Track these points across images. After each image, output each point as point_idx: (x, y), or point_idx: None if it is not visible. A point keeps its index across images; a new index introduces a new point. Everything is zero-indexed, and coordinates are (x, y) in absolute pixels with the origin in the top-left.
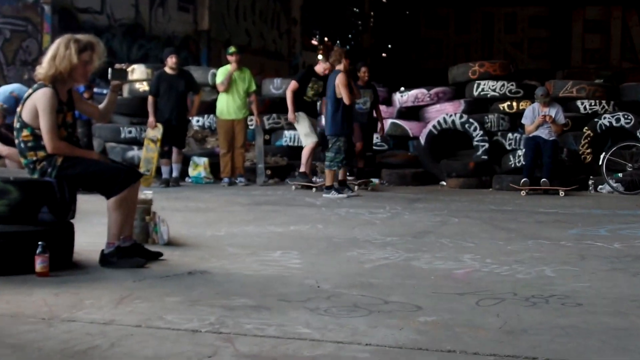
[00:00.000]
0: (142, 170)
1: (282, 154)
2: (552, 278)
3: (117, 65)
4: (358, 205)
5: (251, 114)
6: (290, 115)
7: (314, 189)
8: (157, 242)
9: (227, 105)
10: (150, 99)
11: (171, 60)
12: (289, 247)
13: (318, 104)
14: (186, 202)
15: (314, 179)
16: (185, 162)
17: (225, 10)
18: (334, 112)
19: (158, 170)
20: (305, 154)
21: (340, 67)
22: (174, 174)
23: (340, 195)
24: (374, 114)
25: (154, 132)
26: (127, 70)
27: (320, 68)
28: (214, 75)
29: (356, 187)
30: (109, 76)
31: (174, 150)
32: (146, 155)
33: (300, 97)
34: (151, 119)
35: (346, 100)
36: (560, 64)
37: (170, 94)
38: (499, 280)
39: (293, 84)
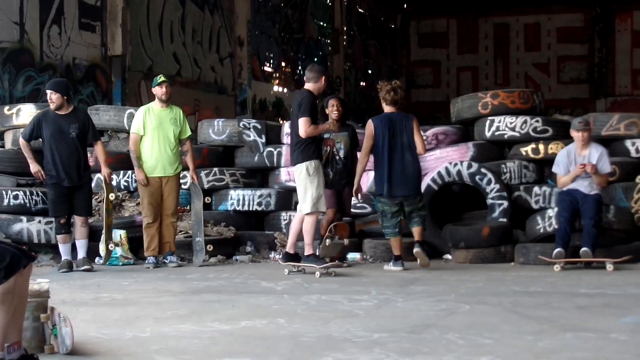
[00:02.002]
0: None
1: (228, 223)
2: None
3: None
4: (333, 290)
5: (185, 168)
6: (324, 125)
7: (317, 274)
8: (57, 351)
9: (152, 158)
10: (22, 142)
11: (48, 99)
12: (239, 352)
13: None
14: (96, 292)
15: (275, 255)
16: (94, 236)
17: (145, 29)
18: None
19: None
20: (310, 229)
21: (312, 86)
22: (80, 254)
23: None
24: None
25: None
26: None
27: (314, 87)
28: (132, 116)
29: (318, 273)
30: None
31: (77, 221)
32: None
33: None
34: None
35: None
36: (602, 91)
37: (60, 142)
38: None
39: (307, 121)
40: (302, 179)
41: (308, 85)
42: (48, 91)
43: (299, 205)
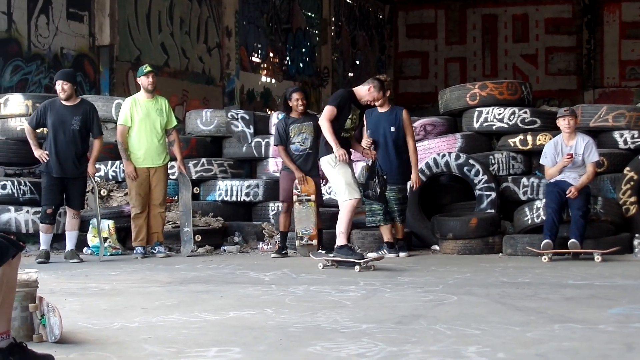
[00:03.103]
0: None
1: (216, 213)
2: None
3: None
4: (321, 280)
5: (172, 159)
6: (339, 150)
7: (357, 268)
8: (46, 339)
9: (139, 149)
10: (27, 128)
11: (58, 88)
12: (228, 341)
13: None
14: (85, 281)
15: (264, 246)
16: (82, 226)
17: (133, 19)
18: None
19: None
20: (344, 216)
21: (360, 88)
22: (69, 246)
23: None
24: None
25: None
26: None
27: (366, 94)
28: (120, 106)
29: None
30: None
31: (69, 212)
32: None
33: (336, 131)
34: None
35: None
36: (590, 83)
37: (60, 133)
38: None
39: (330, 110)
40: (328, 173)
41: (357, 87)
42: (60, 81)
43: (337, 197)
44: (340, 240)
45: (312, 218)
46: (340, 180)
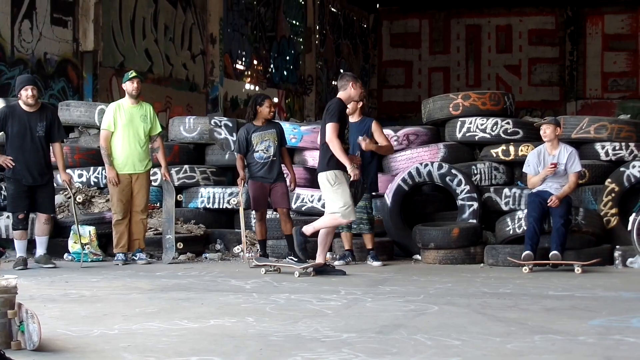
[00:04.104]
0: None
1: (198, 220)
2: None
3: None
4: (303, 289)
5: (155, 165)
6: (354, 170)
7: (296, 274)
8: (24, 347)
9: (122, 154)
10: None
11: (26, 94)
12: (207, 350)
13: None
14: (65, 288)
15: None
16: (63, 232)
17: (118, 25)
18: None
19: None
20: (325, 223)
21: (341, 94)
22: (40, 251)
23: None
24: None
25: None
26: None
27: (353, 94)
28: (103, 112)
29: (297, 273)
30: None
31: (40, 218)
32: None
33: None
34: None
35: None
36: (573, 94)
37: (25, 138)
38: None
39: (335, 127)
40: (326, 189)
41: (339, 94)
42: (28, 87)
43: (325, 209)
44: (308, 230)
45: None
46: (339, 201)
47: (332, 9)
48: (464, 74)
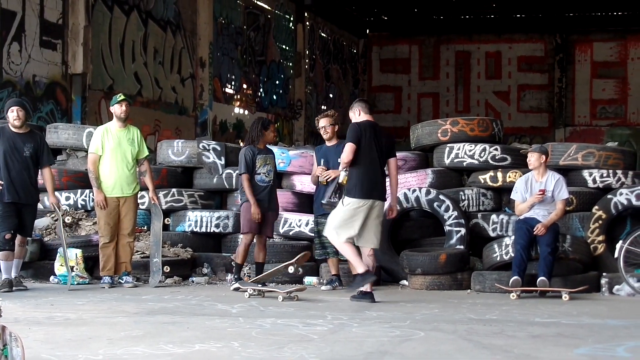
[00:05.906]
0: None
1: (185, 244)
2: None
3: None
4: (289, 314)
5: (143, 188)
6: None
7: (280, 298)
8: None
9: (110, 178)
10: None
11: (12, 115)
12: None
13: None
14: (50, 311)
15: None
16: (49, 255)
17: (107, 48)
18: None
19: None
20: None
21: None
22: (13, 273)
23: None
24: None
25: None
26: None
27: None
28: (91, 135)
29: (280, 297)
30: None
31: (18, 239)
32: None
33: None
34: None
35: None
36: (562, 121)
37: (13, 160)
38: None
39: (351, 147)
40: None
41: (366, 116)
42: (15, 107)
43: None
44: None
45: None
46: (338, 220)
47: (322, 34)
48: (453, 100)
